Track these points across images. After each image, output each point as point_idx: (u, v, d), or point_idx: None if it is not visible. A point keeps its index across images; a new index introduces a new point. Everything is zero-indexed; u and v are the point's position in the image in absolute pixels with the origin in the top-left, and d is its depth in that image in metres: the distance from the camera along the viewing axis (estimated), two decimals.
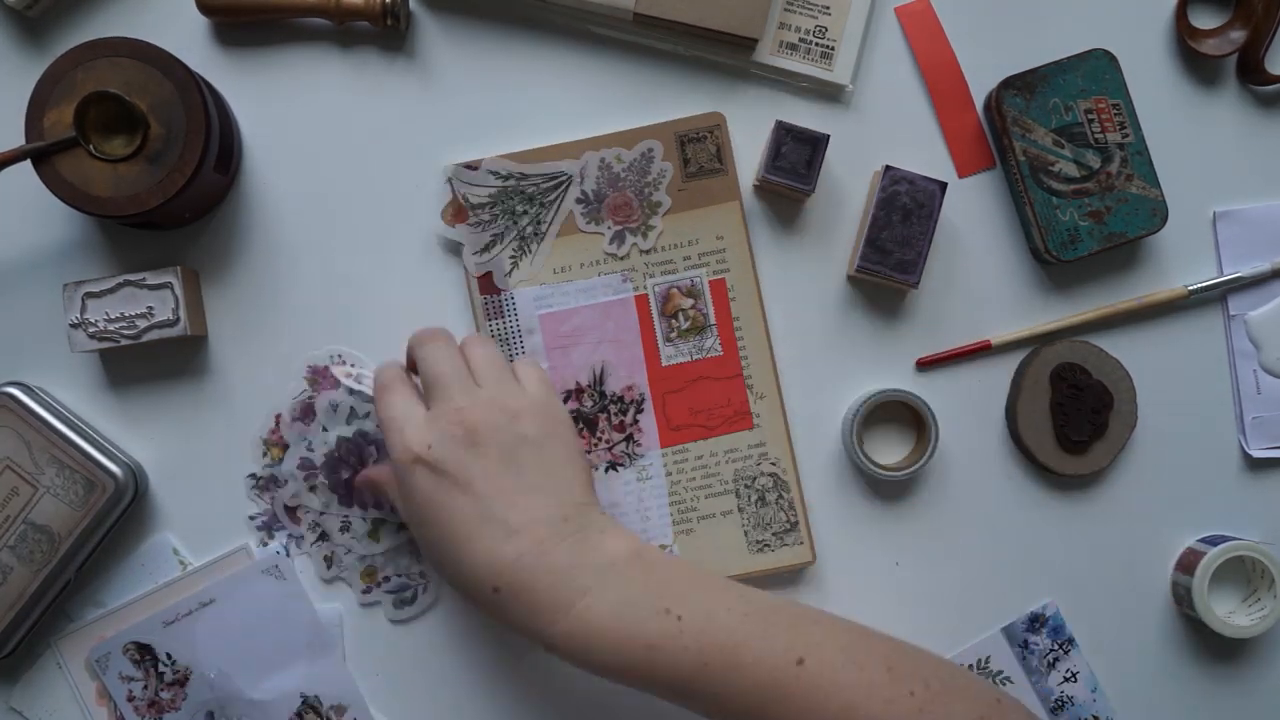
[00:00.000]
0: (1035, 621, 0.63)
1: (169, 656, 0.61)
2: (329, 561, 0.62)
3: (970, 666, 0.63)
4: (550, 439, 0.53)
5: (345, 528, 0.62)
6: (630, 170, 0.61)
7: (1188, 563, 0.63)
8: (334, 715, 0.62)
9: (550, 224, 0.61)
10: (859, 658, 0.49)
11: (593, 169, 0.61)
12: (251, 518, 0.62)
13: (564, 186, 0.61)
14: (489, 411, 0.51)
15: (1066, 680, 0.63)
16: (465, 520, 0.50)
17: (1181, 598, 0.63)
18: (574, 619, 0.48)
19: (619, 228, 0.61)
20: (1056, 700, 0.63)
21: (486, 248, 0.61)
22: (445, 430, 0.51)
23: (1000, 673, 0.63)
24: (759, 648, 0.48)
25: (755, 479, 0.62)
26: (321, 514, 0.62)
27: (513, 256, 0.61)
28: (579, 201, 0.61)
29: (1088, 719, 0.63)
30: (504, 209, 0.61)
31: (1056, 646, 0.63)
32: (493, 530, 0.49)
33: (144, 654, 0.61)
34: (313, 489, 0.62)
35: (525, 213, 0.61)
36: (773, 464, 0.62)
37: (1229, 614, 0.62)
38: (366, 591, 0.62)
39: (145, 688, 0.61)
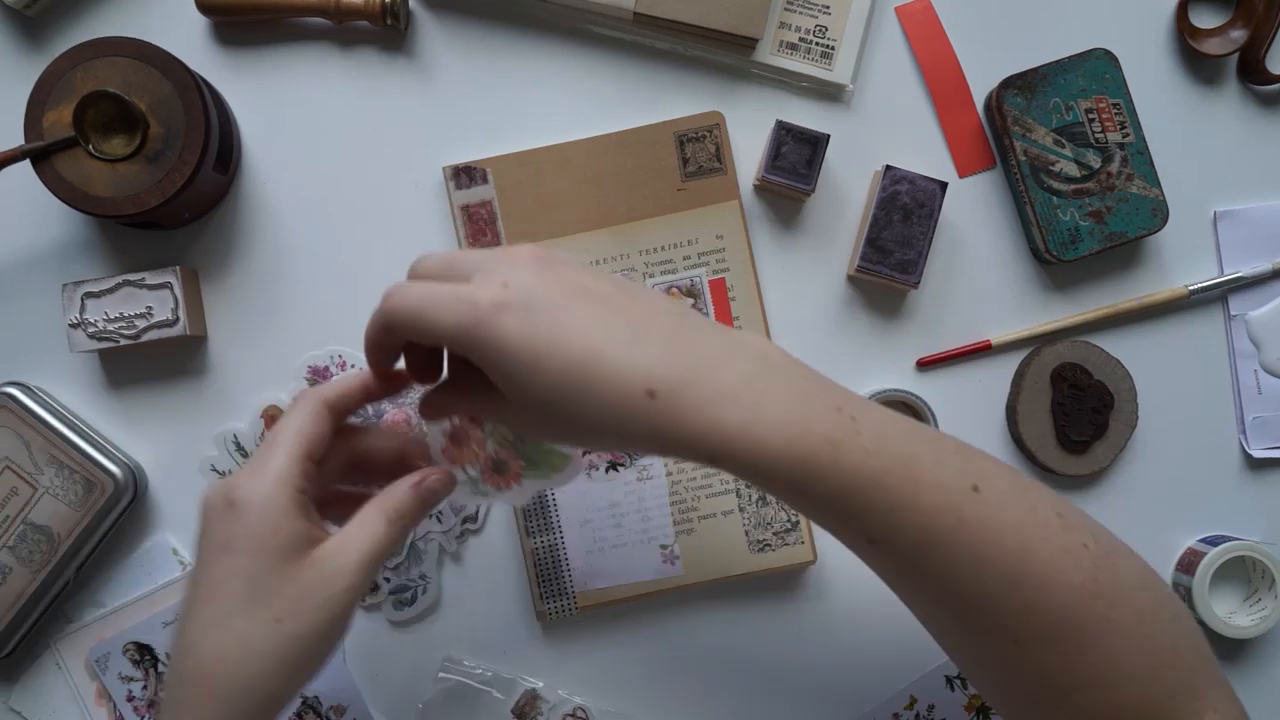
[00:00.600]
0: None
1: (169, 656, 0.61)
2: None
3: None
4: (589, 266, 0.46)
5: None
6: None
7: (1188, 563, 0.63)
8: (334, 715, 0.62)
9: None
10: (1030, 497, 0.44)
11: None
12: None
13: None
14: (536, 248, 0.44)
15: None
16: (585, 335, 0.41)
17: (1182, 598, 0.63)
18: (746, 409, 0.41)
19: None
20: None
21: None
22: (511, 265, 0.42)
23: None
24: (934, 466, 0.42)
25: None
26: None
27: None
28: None
29: None
30: None
31: None
32: (621, 334, 0.41)
33: (144, 654, 0.61)
34: None
35: None
36: None
37: (1229, 614, 0.62)
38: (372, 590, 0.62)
39: (145, 687, 0.61)
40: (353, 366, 0.62)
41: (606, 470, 0.62)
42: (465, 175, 0.62)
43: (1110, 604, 0.43)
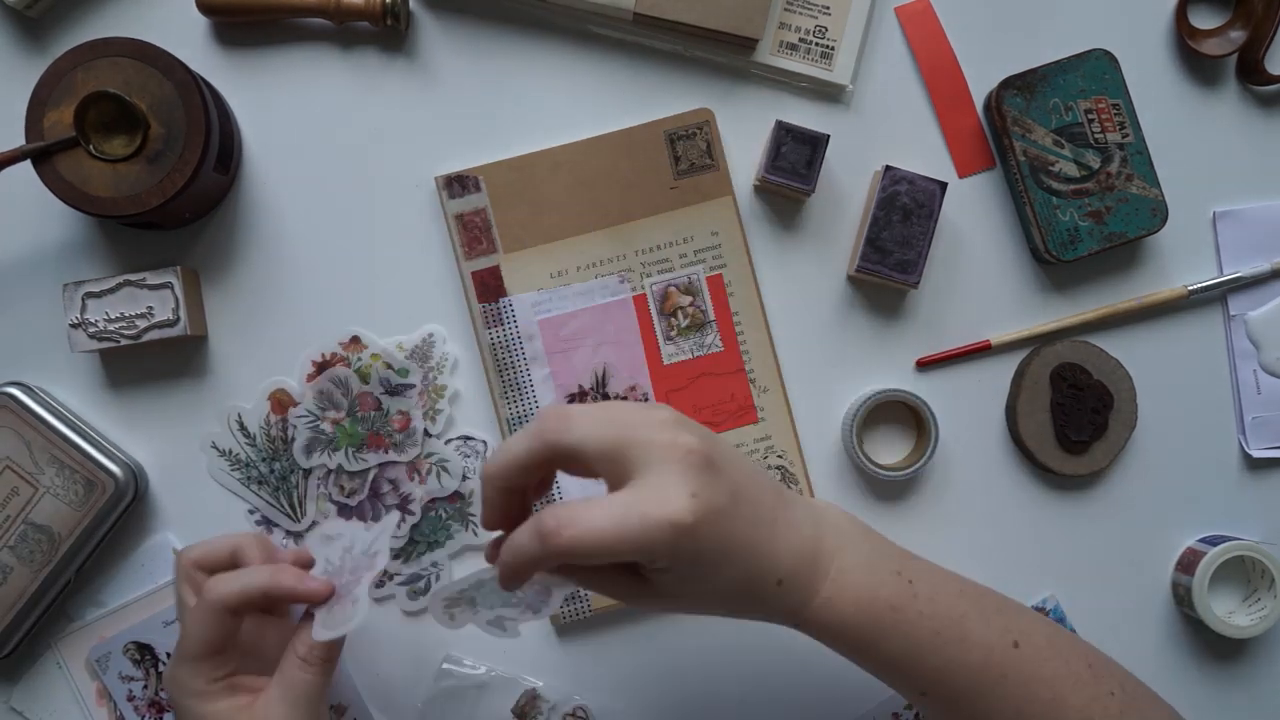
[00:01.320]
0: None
1: (169, 656, 0.61)
2: None
3: None
4: (730, 450, 0.48)
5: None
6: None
7: (1188, 563, 0.63)
8: (334, 715, 0.62)
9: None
10: (1064, 650, 0.49)
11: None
12: (251, 511, 0.62)
13: None
14: (691, 428, 0.45)
15: None
16: (744, 540, 0.44)
17: (1182, 598, 0.63)
18: (830, 584, 0.47)
19: None
20: None
21: None
22: (691, 471, 0.43)
23: None
24: (979, 625, 0.48)
25: None
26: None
27: None
28: None
29: None
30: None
31: None
32: (765, 532, 0.45)
33: (144, 654, 0.61)
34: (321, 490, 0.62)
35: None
36: (780, 456, 0.62)
37: (1229, 614, 0.62)
38: (379, 585, 0.62)
39: (145, 687, 0.61)
40: (355, 358, 0.62)
41: None
42: (457, 184, 0.62)
43: None
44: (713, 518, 0.43)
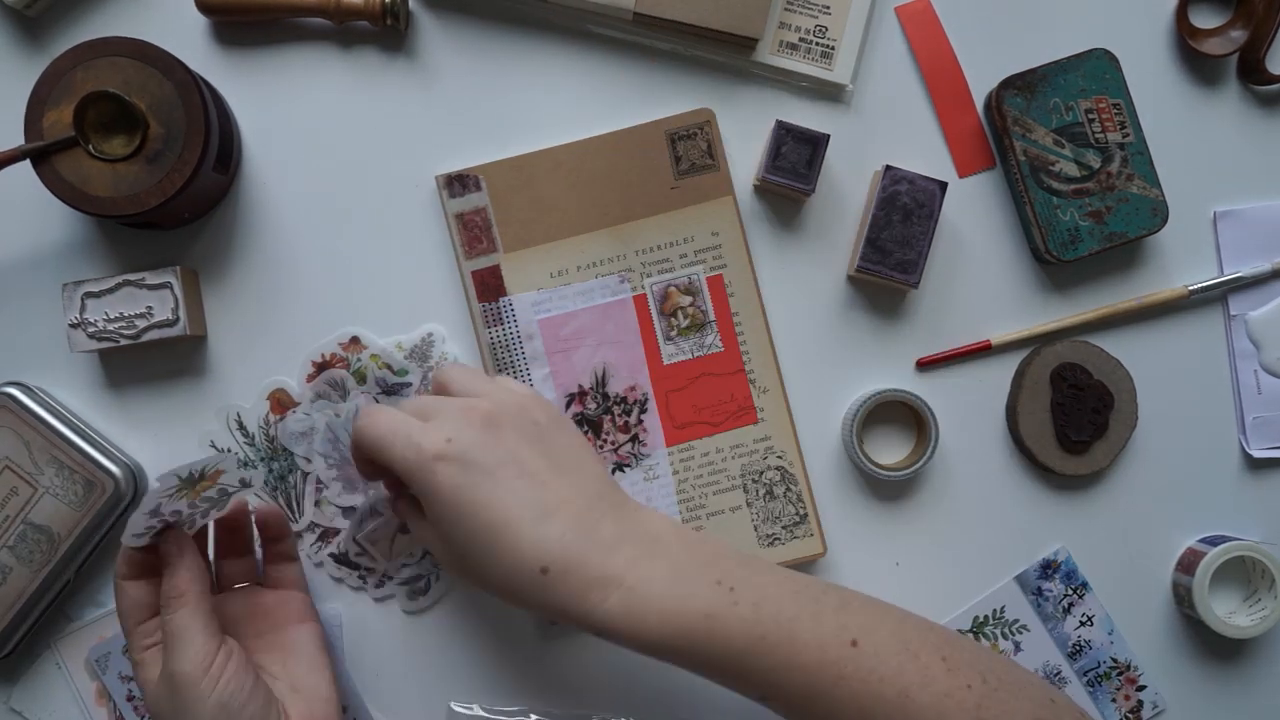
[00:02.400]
0: (1048, 568, 0.63)
1: None
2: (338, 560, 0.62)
3: (985, 617, 0.63)
4: (561, 427, 0.52)
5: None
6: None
7: (1188, 563, 0.63)
8: None
9: None
10: (913, 645, 0.48)
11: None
12: (251, 511, 0.62)
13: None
14: (500, 401, 0.51)
15: (1083, 624, 0.63)
16: (501, 506, 0.47)
17: (1182, 598, 0.63)
18: (626, 591, 0.47)
19: None
20: (1074, 645, 0.63)
21: None
22: (462, 421, 0.49)
23: (1016, 621, 0.63)
24: (812, 626, 0.47)
25: (762, 473, 0.62)
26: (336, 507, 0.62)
27: None
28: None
29: (1106, 661, 0.63)
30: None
31: (1070, 591, 0.63)
32: (531, 512, 0.48)
33: None
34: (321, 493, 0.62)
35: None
36: (779, 457, 0.62)
37: (1229, 614, 0.62)
38: (379, 586, 0.62)
39: None
40: (355, 358, 0.62)
41: (613, 472, 0.62)
42: (458, 183, 0.61)
43: None
44: (457, 467, 0.47)
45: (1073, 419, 0.62)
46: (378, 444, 0.49)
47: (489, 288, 0.62)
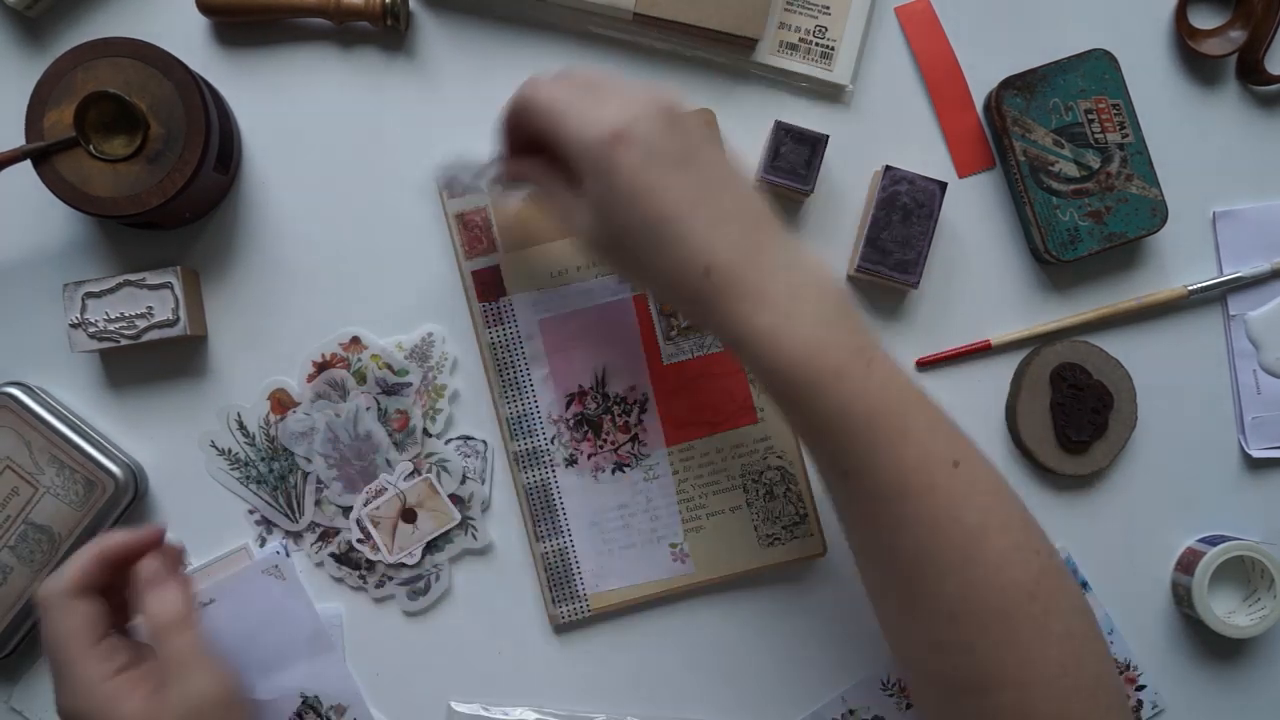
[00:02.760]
0: None
1: None
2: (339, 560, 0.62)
3: None
4: (723, 144, 0.51)
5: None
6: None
7: (1188, 563, 0.63)
8: (334, 715, 0.62)
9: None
10: (1004, 494, 0.47)
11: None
12: (251, 511, 0.62)
13: None
14: (669, 99, 0.48)
15: None
16: (683, 197, 0.46)
17: (1181, 598, 0.63)
18: (779, 314, 0.45)
19: None
20: None
21: None
22: (646, 107, 0.46)
23: None
24: (926, 432, 0.46)
25: (762, 473, 0.62)
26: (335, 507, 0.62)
27: None
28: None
29: None
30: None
31: None
32: (707, 210, 0.46)
33: None
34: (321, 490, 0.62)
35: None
36: (779, 457, 0.62)
37: (1229, 614, 0.62)
38: (380, 586, 0.62)
39: None
40: (355, 358, 0.62)
41: (613, 472, 0.62)
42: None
43: (1045, 611, 0.45)
44: (640, 151, 0.45)
45: (1072, 419, 0.62)
46: (550, 113, 0.48)
47: (489, 288, 0.62)
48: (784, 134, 0.60)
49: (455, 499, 0.62)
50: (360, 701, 0.62)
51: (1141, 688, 0.64)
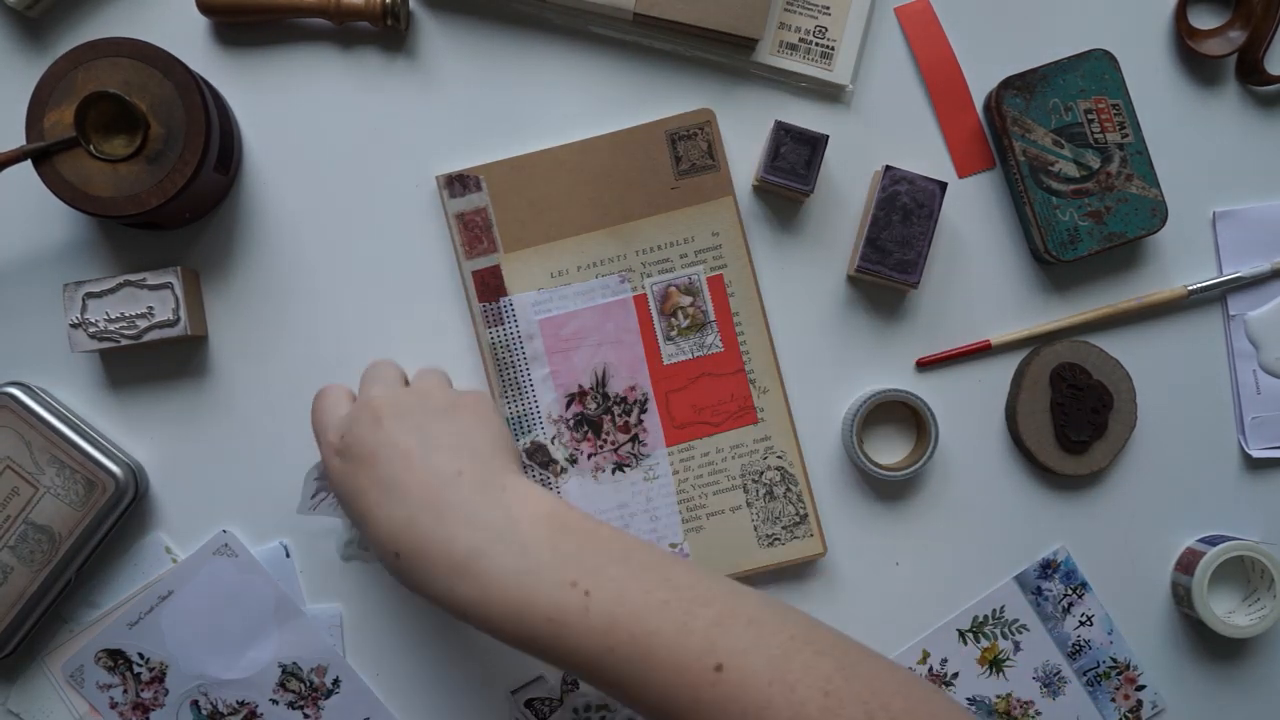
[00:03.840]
0: (1047, 567, 0.63)
1: (141, 656, 0.61)
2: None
3: (985, 617, 0.63)
4: (462, 408, 0.51)
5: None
6: None
7: (1188, 563, 0.63)
8: (316, 677, 0.62)
9: None
10: (793, 675, 0.42)
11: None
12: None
13: None
14: (401, 397, 0.51)
15: (1082, 624, 0.64)
16: (369, 491, 0.49)
17: (1181, 598, 0.63)
18: (471, 583, 0.45)
19: None
20: (1073, 644, 0.64)
21: None
22: (356, 417, 0.51)
23: (1015, 620, 0.63)
24: (673, 643, 0.43)
25: (762, 473, 0.62)
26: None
27: None
28: None
29: (1105, 660, 0.63)
30: None
31: (1070, 591, 0.63)
32: (387, 497, 0.48)
33: (116, 659, 0.61)
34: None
35: None
36: (779, 457, 0.62)
37: (1229, 614, 0.62)
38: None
39: (125, 692, 0.61)
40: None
41: (613, 472, 0.62)
42: (459, 183, 0.62)
43: None
44: (339, 460, 0.51)
45: (1072, 419, 0.62)
46: (313, 424, 0.54)
47: (489, 288, 0.62)
48: (784, 134, 0.60)
49: None
50: (338, 659, 0.62)
51: (1141, 688, 0.64)
